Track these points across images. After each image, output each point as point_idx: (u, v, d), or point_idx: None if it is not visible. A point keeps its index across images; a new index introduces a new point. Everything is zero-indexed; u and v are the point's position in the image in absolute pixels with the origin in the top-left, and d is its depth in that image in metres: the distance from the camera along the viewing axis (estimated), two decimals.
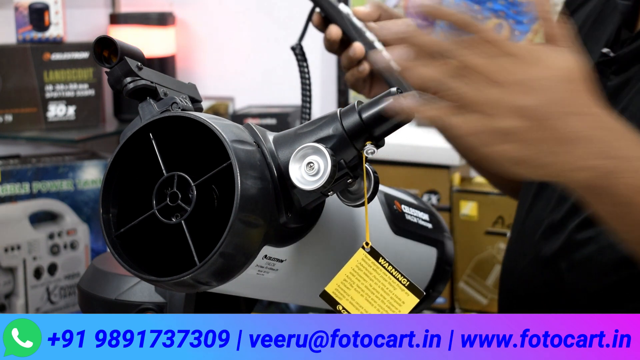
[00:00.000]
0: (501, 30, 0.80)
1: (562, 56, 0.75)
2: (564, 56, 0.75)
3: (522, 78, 0.72)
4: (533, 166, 0.73)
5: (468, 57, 0.72)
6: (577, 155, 0.72)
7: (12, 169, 2.03)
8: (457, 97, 0.71)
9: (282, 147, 0.79)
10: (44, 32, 2.13)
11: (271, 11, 2.24)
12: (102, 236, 0.77)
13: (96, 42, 0.79)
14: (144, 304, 0.93)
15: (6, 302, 1.99)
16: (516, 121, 0.71)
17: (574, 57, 0.75)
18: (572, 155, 0.72)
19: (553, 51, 0.75)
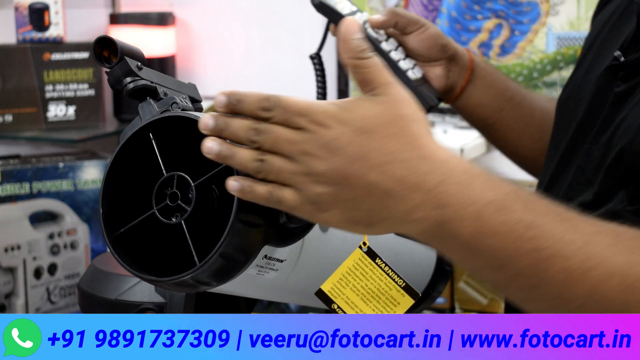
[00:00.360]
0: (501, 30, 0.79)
1: (366, 106, 0.68)
2: (368, 105, 0.68)
3: (315, 144, 0.67)
4: (368, 225, 0.69)
5: (267, 138, 0.68)
6: (403, 209, 0.68)
7: (12, 169, 2.03)
8: (272, 176, 0.68)
9: None
10: (44, 32, 2.13)
11: (271, 11, 2.24)
12: (102, 236, 0.77)
13: (96, 42, 0.79)
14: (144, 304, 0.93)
15: (6, 302, 1.99)
16: (322, 188, 0.67)
17: (385, 99, 0.69)
18: (399, 210, 0.68)
19: (356, 103, 0.69)
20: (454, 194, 0.68)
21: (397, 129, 0.68)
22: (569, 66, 1.95)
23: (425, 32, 1.17)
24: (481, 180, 0.69)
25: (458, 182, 0.69)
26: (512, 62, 2.00)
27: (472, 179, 0.69)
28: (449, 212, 0.68)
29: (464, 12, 2.04)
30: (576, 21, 1.92)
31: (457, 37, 2.05)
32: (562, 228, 0.70)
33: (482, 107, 1.22)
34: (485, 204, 0.69)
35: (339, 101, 0.69)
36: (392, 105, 0.69)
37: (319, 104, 0.68)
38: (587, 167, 0.92)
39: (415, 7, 2.09)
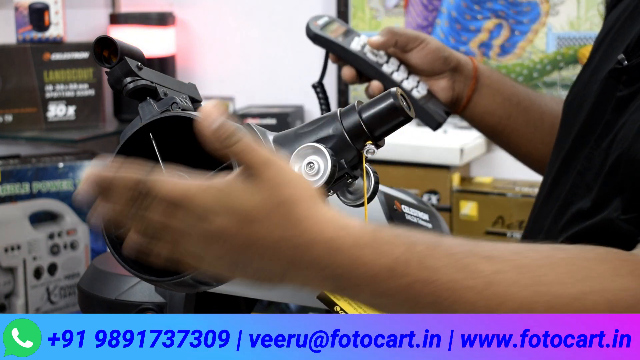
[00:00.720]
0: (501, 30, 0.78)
1: (246, 194, 0.68)
2: (248, 193, 0.68)
3: (200, 237, 0.67)
4: (271, 288, 0.72)
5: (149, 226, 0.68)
6: (301, 281, 0.70)
7: (12, 169, 2.02)
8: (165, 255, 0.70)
9: (282, 147, 0.78)
10: (44, 32, 2.13)
11: (271, 11, 2.24)
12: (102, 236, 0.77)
13: (96, 42, 0.78)
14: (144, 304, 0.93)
15: (6, 302, 1.98)
16: (220, 268, 0.70)
17: (264, 186, 0.68)
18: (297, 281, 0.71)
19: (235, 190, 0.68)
20: (344, 270, 0.70)
21: (280, 217, 0.68)
22: (569, 66, 1.95)
23: (427, 47, 1.17)
24: (370, 251, 0.70)
25: (346, 258, 0.70)
26: (512, 62, 2.00)
27: (361, 251, 0.70)
28: (343, 283, 0.70)
29: (464, 12, 2.03)
30: (576, 21, 1.92)
31: (457, 37, 2.05)
32: (460, 277, 0.71)
33: (489, 115, 1.21)
34: (377, 272, 0.70)
35: (218, 189, 0.67)
36: (272, 191, 0.68)
37: (196, 193, 0.66)
38: (587, 172, 0.91)
39: (415, 7, 2.09)
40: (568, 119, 1.02)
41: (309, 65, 2.23)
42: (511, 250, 0.75)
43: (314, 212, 0.70)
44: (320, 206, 0.70)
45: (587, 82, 0.99)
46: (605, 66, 0.96)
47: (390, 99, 0.78)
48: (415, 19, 2.10)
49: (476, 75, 1.20)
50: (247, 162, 0.68)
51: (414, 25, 2.10)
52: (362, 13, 2.13)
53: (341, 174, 0.78)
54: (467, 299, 0.71)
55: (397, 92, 0.79)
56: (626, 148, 0.84)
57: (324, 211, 0.70)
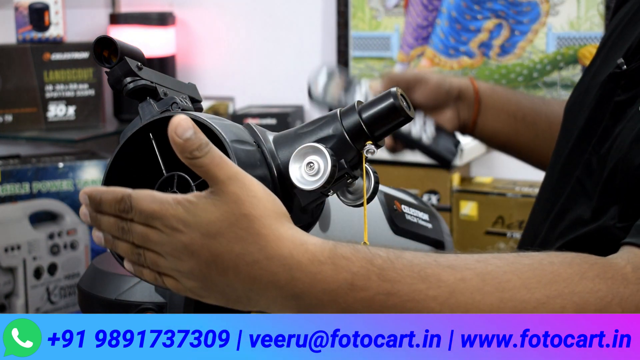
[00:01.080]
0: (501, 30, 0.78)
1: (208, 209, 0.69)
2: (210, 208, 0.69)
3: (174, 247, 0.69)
4: (246, 306, 0.72)
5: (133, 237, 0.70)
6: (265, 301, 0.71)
7: (12, 169, 2.02)
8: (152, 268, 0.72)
9: (282, 147, 0.78)
10: (44, 32, 2.13)
11: (271, 11, 2.24)
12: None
13: (96, 42, 0.78)
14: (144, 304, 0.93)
15: (6, 302, 1.98)
16: (193, 283, 0.71)
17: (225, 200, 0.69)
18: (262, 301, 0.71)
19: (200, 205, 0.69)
20: (305, 286, 0.70)
21: (241, 231, 0.69)
22: (569, 66, 1.95)
23: (427, 86, 1.17)
24: (330, 265, 0.71)
25: (306, 274, 0.70)
26: (512, 62, 2.00)
27: (320, 265, 0.71)
28: (305, 301, 0.71)
29: (464, 12, 2.03)
30: (576, 21, 1.92)
31: (457, 37, 2.05)
32: (423, 287, 0.72)
33: (497, 134, 1.22)
34: (337, 287, 0.71)
35: (187, 202, 0.69)
36: (233, 206, 0.69)
37: (170, 207, 0.69)
38: (586, 179, 0.91)
39: (415, 7, 2.09)
40: (568, 122, 1.01)
41: (309, 65, 2.23)
42: (474, 258, 0.75)
43: (274, 229, 0.70)
44: (281, 224, 0.71)
45: (587, 86, 0.99)
46: (605, 70, 0.95)
47: (390, 99, 0.78)
48: (415, 19, 2.10)
49: (478, 99, 1.20)
50: (212, 176, 0.69)
51: (414, 25, 2.10)
52: (362, 13, 2.13)
53: (341, 174, 0.78)
54: (431, 309, 0.72)
55: (397, 92, 0.79)
56: (622, 156, 0.83)
57: (284, 229, 0.71)
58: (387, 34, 2.12)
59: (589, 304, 0.72)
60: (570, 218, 0.92)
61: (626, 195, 0.82)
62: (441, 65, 2.07)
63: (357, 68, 2.15)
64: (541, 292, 0.73)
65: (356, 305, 0.71)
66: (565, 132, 1.02)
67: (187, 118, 0.69)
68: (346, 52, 2.15)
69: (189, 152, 0.69)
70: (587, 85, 0.99)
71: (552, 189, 0.99)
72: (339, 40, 2.15)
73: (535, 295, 0.72)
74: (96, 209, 0.71)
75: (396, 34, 2.12)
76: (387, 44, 2.13)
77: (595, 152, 0.90)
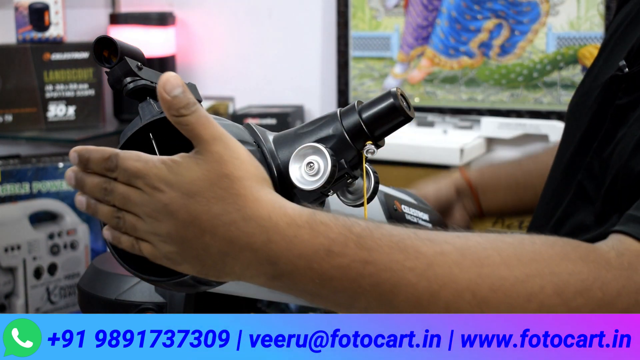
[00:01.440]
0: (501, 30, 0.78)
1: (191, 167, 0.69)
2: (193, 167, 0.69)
3: (153, 208, 0.70)
4: (219, 276, 0.72)
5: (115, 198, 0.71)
6: (239, 267, 0.70)
7: (12, 169, 2.02)
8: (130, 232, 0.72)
9: (282, 147, 0.78)
10: (44, 32, 2.13)
11: (271, 11, 2.24)
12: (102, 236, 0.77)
13: (96, 42, 0.79)
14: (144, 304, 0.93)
15: (6, 302, 1.98)
16: (169, 247, 0.70)
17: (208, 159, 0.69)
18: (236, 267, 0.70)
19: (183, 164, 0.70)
20: (281, 250, 0.70)
21: (221, 191, 0.69)
22: (569, 66, 1.95)
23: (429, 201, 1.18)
24: (307, 229, 0.70)
25: (283, 237, 0.70)
26: (512, 62, 2.00)
27: (298, 229, 0.70)
28: (280, 267, 0.70)
29: (464, 12, 2.03)
30: (576, 21, 1.92)
31: (457, 37, 2.05)
32: (400, 257, 0.71)
33: (504, 209, 1.24)
34: (314, 251, 0.70)
35: (171, 161, 0.70)
36: (215, 166, 0.70)
37: (154, 166, 0.69)
38: (588, 183, 0.90)
39: (415, 7, 2.09)
40: (571, 124, 1.01)
41: (309, 65, 2.23)
42: (455, 234, 0.74)
43: (254, 190, 0.70)
44: (261, 187, 0.71)
45: (589, 88, 0.98)
46: (607, 71, 0.94)
47: (390, 99, 0.78)
48: (415, 19, 2.10)
49: (472, 187, 1.22)
50: (196, 135, 0.70)
51: (414, 25, 2.10)
52: (362, 13, 2.13)
53: (341, 174, 0.78)
54: (408, 280, 0.70)
55: (397, 92, 0.79)
56: (623, 163, 0.83)
57: (264, 192, 0.71)
58: (387, 34, 2.12)
59: (569, 285, 0.71)
60: (572, 223, 0.92)
61: (627, 203, 0.81)
62: (441, 65, 2.07)
63: (357, 68, 2.15)
64: (521, 270, 0.71)
65: (332, 272, 0.70)
66: (567, 134, 1.02)
67: (176, 75, 0.69)
68: (346, 52, 2.15)
69: (175, 110, 0.69)
70: (589, 86, 0.98)
71: (554, 193, 0.99)
72: (339, 40, 2.15)
73: (514, 273, 0.71)
74: (83, 168, 0.71)
75: (396, 34, 2.12)
76: (387, 44, 2.13)
77: (597, 156, 0.90)
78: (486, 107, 2.03)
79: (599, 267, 0.72)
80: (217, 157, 0.70)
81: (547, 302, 0.71)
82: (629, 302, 0.71)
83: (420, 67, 2.10)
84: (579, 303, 0.71)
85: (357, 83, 2.15)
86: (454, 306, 0.71)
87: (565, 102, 1.86)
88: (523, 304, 0.71)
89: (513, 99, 2.01)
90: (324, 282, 0.70)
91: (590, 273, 0.72)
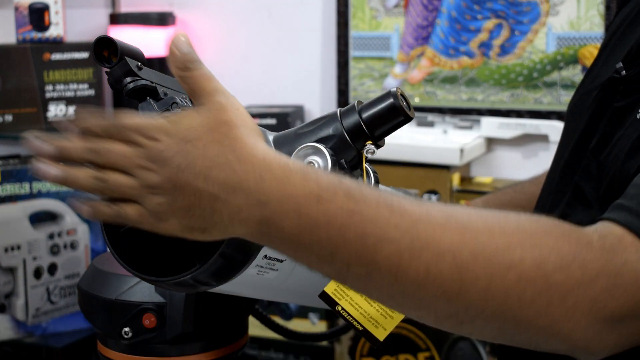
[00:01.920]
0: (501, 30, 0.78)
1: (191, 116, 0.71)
2: (193, 115, 0.71)
3: (147, 158, 0.70)
4: (203, 231, 0.72)
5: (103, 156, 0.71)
6: (229, 211, 0.70)
7: (12, 169, 2.02)
8: (115, 193, 0.71)
9: (282, 147, 0.79)
10: (44, 32, 2.13)
11: (271, 11, 2.24)
12: (102, 236, 0.77)
13: (96, 42, 0.79)
14: (144, 304, 0.93)
15: (6, 302, 1.99)
16: (159, 198, 0.70)
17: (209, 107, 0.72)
18: (226, 213, 0.71)
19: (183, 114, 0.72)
20: (272, 190, 0.70)
21: (219, 135, 0.71)
22: (569, 66, 1.95)
23: None
24: (300, 174, 0.71)
25: (275, 177, 0.70)
26: (512, 62, 2.00)
27: (290, 172, 0.71)
28: (270, 208, 0.70)
29: (464, 12, 2.04)
30: (576, 21, 1.92)
31: (457, 37, 2.05)
32: (386, 213, 0.71)
33: None
34: (304, 195, 0.70)
35: (170, 114, 0.72)
36: (215, 113, 0.72)
37: (151, 119, 0.71)
38: (586, 185, 0.90)
39: (415, 7, 2.09)
40: (570, 125, 1.01)
41: (309, 65, 2.23)
42: (442, 203, 0.75)
43: (251, 137, 0.72)
44: (259, 139, 0.73)
45: (588, 88, 0.98)
46: (605, 72, 0.94)
47: (390, 99, 0.79)
48: (415, 19, 2.10)
49: None
50: (200, 87, 0.73)
51: (414, 25, 2.10)
52: (362, 13, 2.13)
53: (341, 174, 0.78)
54: (391, 235, 0.71)
55: (397, 92, 0.79)
56: (619, 166, 0.83)
57: (261, 142, 0.73)
58: (387, 34, 2.13)
59: (549, 260, 0.71)
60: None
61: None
62: (441, 65, 2.08)
63: (357, 68, 2.15)
64: (503, 239, 0.72)
65: (319, 218, 0.70)
66: (566, 134, 1.02)
67: (186, 35, 0.74)
68: (346, 52, 2.15)
69: (182, 64, 0.73)
70: (588, 87, 0.98)
71: (552, 193, 0.99)
72: (339, 40, 2.15)
73: (496, 240, 0.72)
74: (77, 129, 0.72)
75: (396, 34, 2.12)
76: (387, 44, 2.13)
77: (594, 157, 0.89)
78: (486, 107, 2.04)
79: (580, 246, 0.72)
80: (218, 105, 0.72)
81: (525, 274, 0.71)
82: (608, 284, 0.71)
83: (420, 67, 2.10)
84: (558, 279, 0.71)
85: (357, 83, 2.15)
86: (434, 268, 0.71)
87: (565, 102, 1.85)
88: (502, 272, 0.71)
89: (513, 99, 2.01)
90: (310, 229, 0.71)
91: (570, 251, 0.72)
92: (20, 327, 1.99)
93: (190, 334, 0.93)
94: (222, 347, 0.97)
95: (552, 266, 0.71)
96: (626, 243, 0.72)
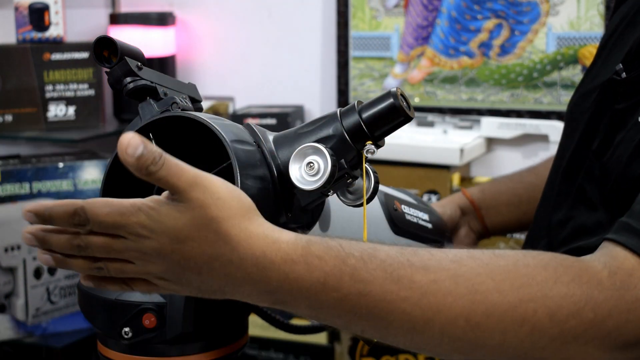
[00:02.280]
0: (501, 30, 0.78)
1: (173, 215, 0.69)
2: (175, 214, 0.69)
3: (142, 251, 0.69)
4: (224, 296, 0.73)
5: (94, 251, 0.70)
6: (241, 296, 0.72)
7: (12, 169, 2.02)
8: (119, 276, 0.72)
9: (282, 147, 0.79)
10: (44, 32, 2.13)
11: (271, 11, 2.24)
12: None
13: (96, 42, 0.79)
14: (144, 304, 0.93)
15: (6, 302, 1.99)
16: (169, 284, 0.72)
17: (189, 206, 0.69)
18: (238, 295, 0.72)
19: (163, 212, 0.69)
20: (278, 285, 0.71)
21: (210, 234, 0.70)
22: (569, 66, 1.95)
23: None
24: (302, 265, 0.72)
25: (279, 274, 0.71)
26: (512, 62, 2.00)
27: (293, 265, 0.71)
28: (279, 296, 0.72)
29: (464, 12, 2.03)
30: (576, 21, 1.92)
31: (457, 37, 2.05)
32: (395, 288, 0.72)
33: (508, 225, 1.25)
34: (310, 286, 0.72)
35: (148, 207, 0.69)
36: (198, 211, 0.69)
37: (131, 214, 0.68)
38: (589, 187, 0.90)
39: (415, 7, 2.09)
40: (570, 125, 1.00)
41: (309, 65, 2.23)
42: (449, 259, 0.75)
43: (244, 227, 0.71)
44: (250, 222, 0.71)
45: (588, 89, 0.97)
46: (605, 72, 0.94)
47: (390, 99, 0.78)
48: (415, 19, 2.10)
49: (476, 206, 1.23)
50: (172, 186, 0.68)
51: (414, 25, 2.10)
52: (362, 13, 2.13)
53: (341, 174, 0.78)
54: (402, 309, 0.72)
55: (397, 92, 0.79)
56: (622, 169, 0.83)
57: (254, 226, 0.71)
58: (387, 34, 2.12)
59: (561, 308, 0.72)
60: (573, 225, 0.92)
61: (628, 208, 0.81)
62: (441, 65, 2.08)
63: (357, 68, 2.15)
64: (514, 295, 0.73)
65: (328, 304, 0.72)
66: (567, 134, 1.01)
67: (134, 135, 0.67)
68: (346, 52, 2.15)
69: (144, 169, 0.67)
70: (588, 88, 0.98)
71: (555, 194, 0.98)
72: (339, 40, 2.15)
73: (508, 299, 0.73)
74: (44, 228, 0.69)
75: (396, 34, 2.12)
76: (387, 44, 2.13)
77: (596, 159, 0.89)
78: (486, 107, 2.03)
79: (591, 288, 0.73)
80: (199, 202, 0.69)
81: (539, 326, 0.72)
82: (620, 321, 0.73)
83: (420, 67, 2.10)
84: (571, 325, 0.72)
85: (357, 83, 2.15)
86: (448, 332, 0.73)
87: (565, 102, 1.85)
88: (516, 328, 0.72)
89: (513, 99, 2.01)
90: (322, 310, 0.73)
91: (582, 295, 0.73)
92: (20, 327, 1.99)
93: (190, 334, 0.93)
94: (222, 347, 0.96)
95: (565, 313, 0.72)
96: (637, 277, 0.73)
